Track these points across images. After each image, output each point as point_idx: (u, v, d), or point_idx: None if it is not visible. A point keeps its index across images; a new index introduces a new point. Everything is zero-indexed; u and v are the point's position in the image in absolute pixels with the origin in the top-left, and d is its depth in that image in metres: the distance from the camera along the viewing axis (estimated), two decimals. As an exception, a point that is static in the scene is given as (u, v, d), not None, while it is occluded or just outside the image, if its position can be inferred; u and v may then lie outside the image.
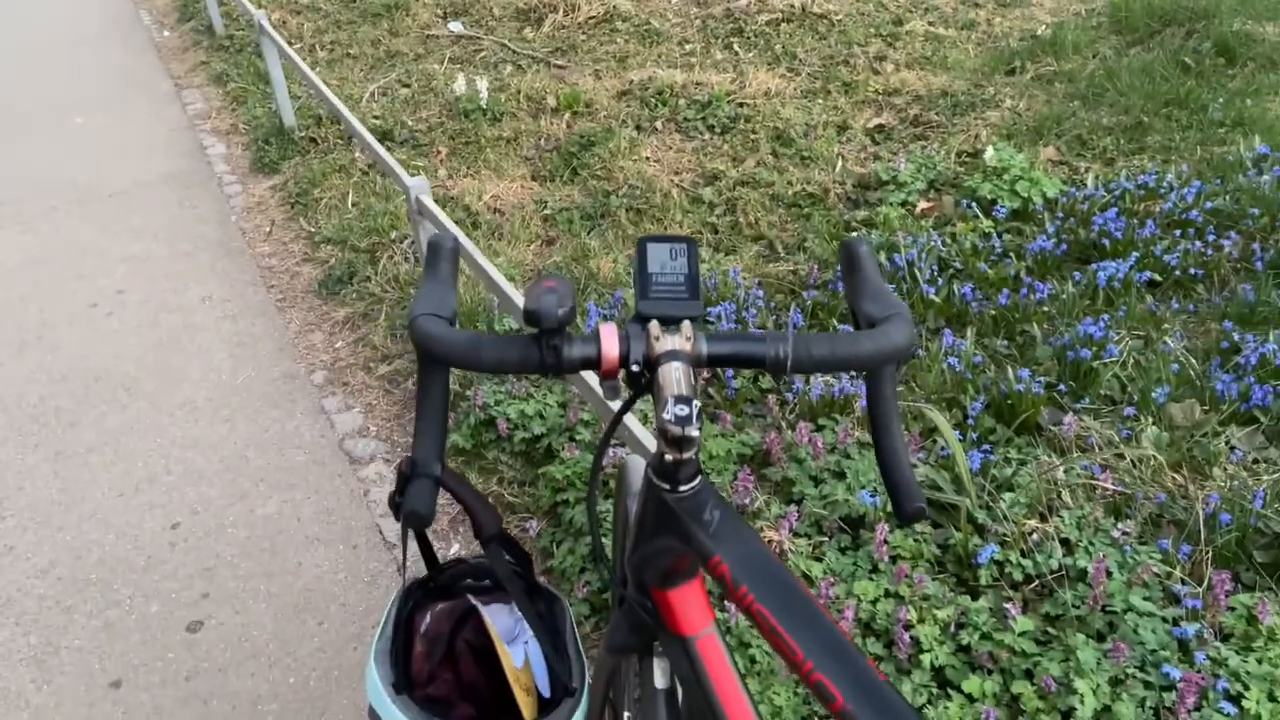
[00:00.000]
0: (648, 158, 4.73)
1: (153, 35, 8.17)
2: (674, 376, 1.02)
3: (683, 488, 1.05)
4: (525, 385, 3.15)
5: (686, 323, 1.08)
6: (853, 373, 2.81)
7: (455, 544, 2.88)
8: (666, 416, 0.97)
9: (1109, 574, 2.20)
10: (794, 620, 0.95)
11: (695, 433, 0.97)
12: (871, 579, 2.35)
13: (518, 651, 1.40)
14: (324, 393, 3.59)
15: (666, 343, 1.05)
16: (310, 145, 5.38)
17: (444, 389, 1.10)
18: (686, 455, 1.00)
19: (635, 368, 1.06)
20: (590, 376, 2.29)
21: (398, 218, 4.40)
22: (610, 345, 1.05)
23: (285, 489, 3.13)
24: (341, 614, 2.65)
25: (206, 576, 2.81)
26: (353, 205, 4.67)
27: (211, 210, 5.05)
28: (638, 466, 1.56)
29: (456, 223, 4.33)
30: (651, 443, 2.14)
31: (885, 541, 2.39)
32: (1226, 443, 2.55)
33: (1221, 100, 4.41)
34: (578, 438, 2.92)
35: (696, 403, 1.00)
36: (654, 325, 1.06)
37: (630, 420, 2.25)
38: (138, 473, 3.23)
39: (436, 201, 4.50)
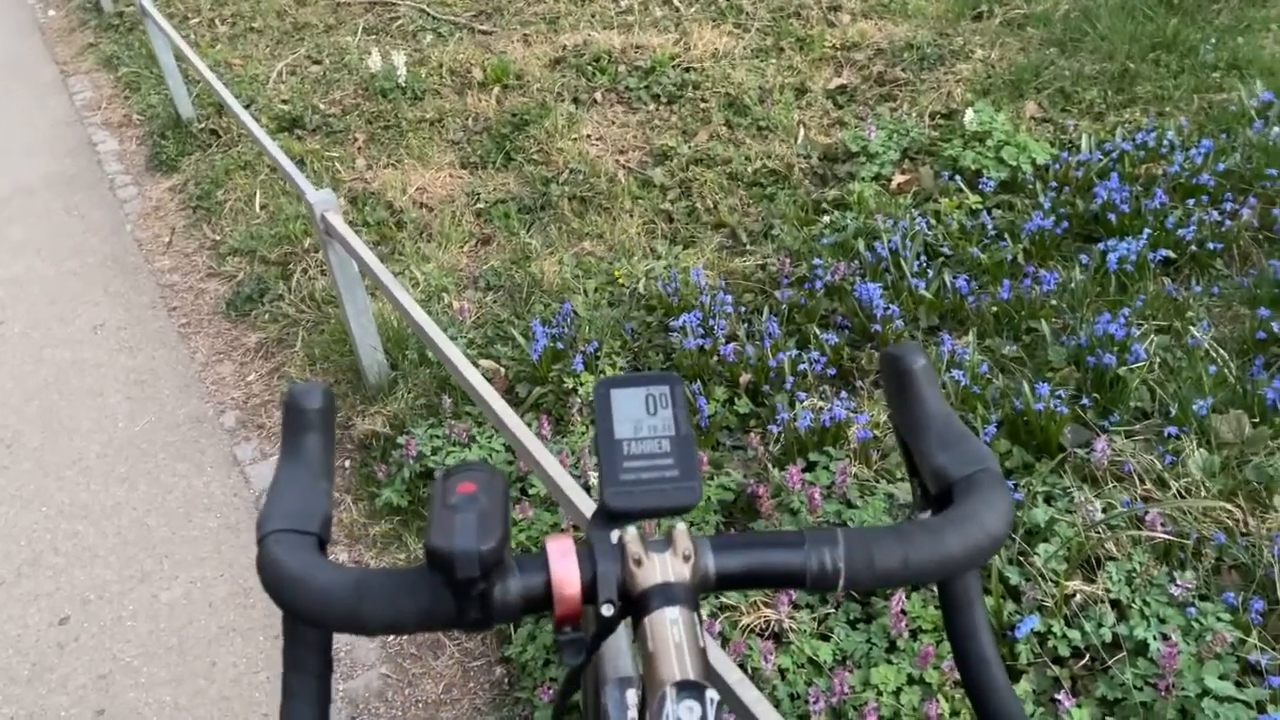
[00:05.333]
0: (589, 136, 4.26)
1: (36, 15, 7.44)
2: (669, 638, 0.64)
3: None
4: (467, 429, 2.71)
5: (681, 528, 0.69)
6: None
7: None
8: (669, 729, 0.58)
9: (1165, 638, 1.84)
10: None
11: (718, 753, 0.59)
12: (890, 660, 1.98)
13: None
14: (236, 439, 3.13)
15: (654, 568, 0.68)
16: (211, 138, 4.82)
17: (320, 657, 0.71)
18: None
19: (608, 610, 0.66)
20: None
21: (311, 222, 3.90)
22: (566, 574, 0.68)
23: (194, 565, 2.68)
24: (263, 732, 2.23)
25: (101, 687, 2.38)
26: (261, 209, 4.15)
27: (103, 218, 4.50)
28: (618, 649, 1.15)
29: (378, 223, 3.86)
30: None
31: (902, 612, 2.02)
32: (1284, 462, 2.20)
33: (1213, 40, 4.03)
34: (531, 491, 2.50)
35: (713, 694, 0.61)
36: (632, 537, 0.69)
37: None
38: (19, 554, 2.77)
39: (354, 199, 4.01)
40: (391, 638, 2.41)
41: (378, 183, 4.15)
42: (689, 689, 0.60)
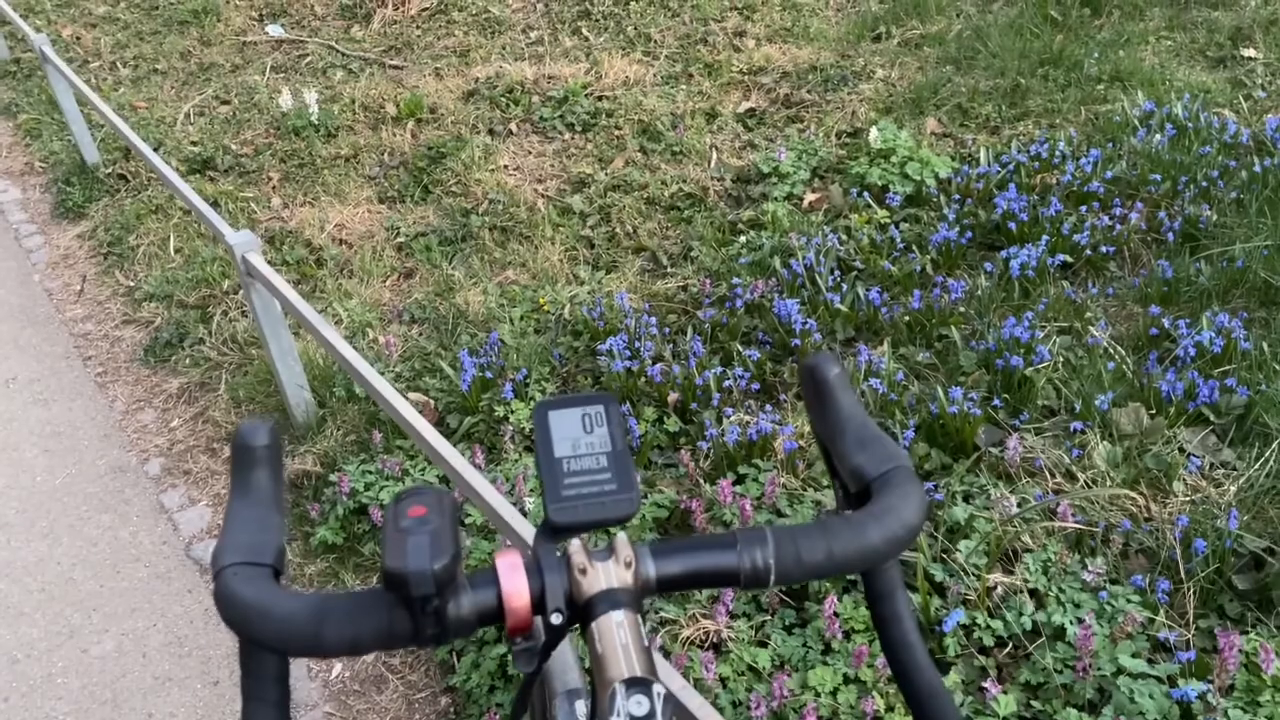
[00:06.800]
0: (506, 166, 4.30)
1: (-75, 63, 7.21)
2: (616, 639, 0.68)
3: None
4: (399, 463, 2.72)
5: (622, 537, 0.74)
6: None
7: (338, 666, 2.45)
8: (618, 720, 0.62)
9: (1080, 622, 1.95)
10: None
11: (666, 742, 0.64)
12: (826, 662, 2.05)
13: None
14: (162, 486, 3.08)
15: (598, 576, 0.72)
16: (119, 183, 4.74)
17: (279, 687, 0.73)
18: None
19: (557, 618, 0.71)
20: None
21: (229, 264, 3.87)
22: (516, 587, 0.72)
23: (125, 617, 2.63)
24: (206, 782, 2.21)
25: (35, 749, 2.32)
26: (176, 252, 4.10)
27: (9, 269, 4.39)
28: (565, 663, 1.20)
29: (297, 262, 3.84)
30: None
31: (835, 614, 2.09)
32: (1180, 450, 2.34)
33: (1096, 55, 4.26)
34: (467, 521, 2.53)
35: (660, 687, 0.65)
36: (576, 549, 0.73)
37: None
38: (-61, 618, 2.68)
39: (271, 239, 3.99)
40: (333, 674, 2.40)
41: (295, 221, 4.13)
42: (637, 685, 0.65)
